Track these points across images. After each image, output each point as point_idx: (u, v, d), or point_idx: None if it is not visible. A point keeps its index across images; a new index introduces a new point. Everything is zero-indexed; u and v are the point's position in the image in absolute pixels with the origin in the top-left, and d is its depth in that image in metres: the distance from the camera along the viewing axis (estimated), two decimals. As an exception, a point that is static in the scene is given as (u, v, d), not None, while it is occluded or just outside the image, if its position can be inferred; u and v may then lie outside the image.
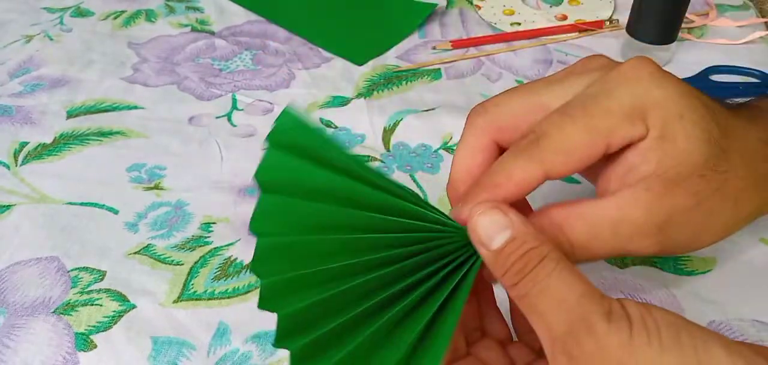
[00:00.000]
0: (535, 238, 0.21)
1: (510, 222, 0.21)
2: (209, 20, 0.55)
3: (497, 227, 0.21)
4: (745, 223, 0.26)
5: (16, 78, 0.48)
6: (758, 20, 0.52)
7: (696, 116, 0.23)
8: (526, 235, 0.21)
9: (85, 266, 0.34)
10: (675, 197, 0.23)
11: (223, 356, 0.30)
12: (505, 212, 0.21)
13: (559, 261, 0.20)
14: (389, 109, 0.44)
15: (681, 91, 0.24)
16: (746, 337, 0.29)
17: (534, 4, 0.56)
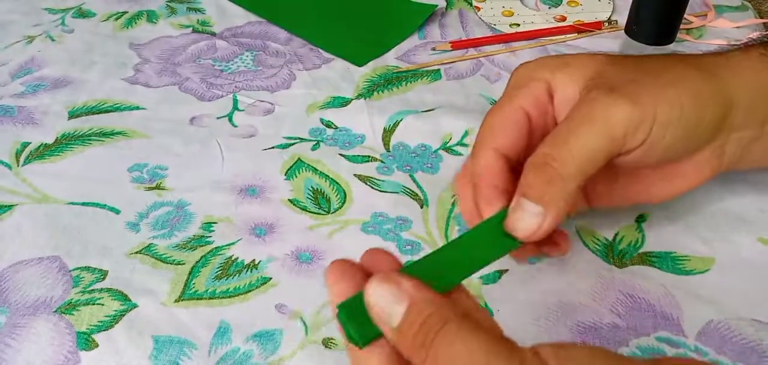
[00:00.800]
0: (432, 303, 0.20)
1: (403, 293, 0.20)
2: (210, 21, 0.55)
3: (392, 301, 0.20)
4: (713, 103, 0.27)
5: (17, 79, 0.48)
6: (756, 21, 0.52)
7: (579, 56, 0.29)
8: (422, 302, 0.20)
9: (86, 265, 0.34)
10: (603, 76, 0.26)
11: (224, 355, 0.30)
12: (397, 283, 0.20)
13: (461, 323, 0.19)
14: (389, 109, 0.44)
15: (557, 56, 0.30)
16: (745, 337, 0.30)
17: (533, 5, 0.57)
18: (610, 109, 0.25)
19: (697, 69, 0.28)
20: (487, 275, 0.33)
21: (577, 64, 0.28)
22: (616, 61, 0.29)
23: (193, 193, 0.38)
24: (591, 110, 0.25)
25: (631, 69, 0.28)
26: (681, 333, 0.30)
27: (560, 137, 0.25)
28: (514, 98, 0.29)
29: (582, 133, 0.25)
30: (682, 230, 0.35)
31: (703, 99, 0.27)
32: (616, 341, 0.30)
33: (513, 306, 0.31)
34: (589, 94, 0.26)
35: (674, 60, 0.29)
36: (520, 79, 0.30)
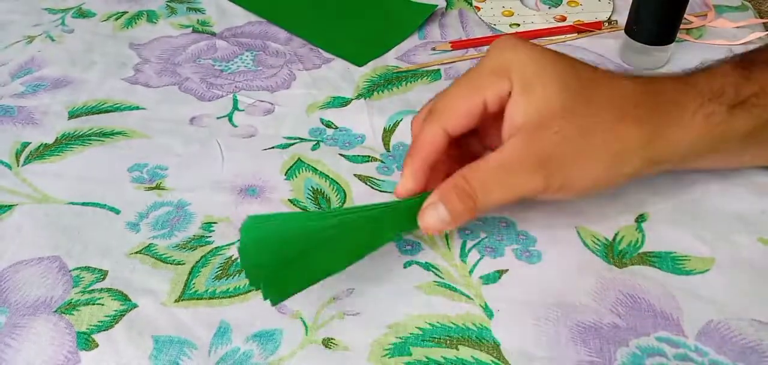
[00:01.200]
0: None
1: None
2: (210, 21, 0.55)
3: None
4: (639, 157, 0.30)
5: (17, 79, 0.48)
6: (756, 21, 0.52)
7: (551, 72, 0.29)
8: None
9: (86, 265, 0.34)
10: (543, 138, 0.29)
11: (224, 355, 0.30)
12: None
13: None
14: (389, 109, 0.45)
15: (539, 55, 0.29)
16: (745, 337, 0.30)
17: (533, 5, 0.57)
18: (528, 182, 0.29)
19: (640, 126, 0.30)
20: (487, 275, 0.33)
21: (540, 95, 0.29)
22: (571, 110, 0.29)
23: (193, 193, 0.38)
24: (514, 175, 0.29)
25: (576, 126, 0.29)
26: (681, 332, 0.30)
27: (487, 180, 0.29)
28: (482, 89, 0.30)
29: (502, 188, 0.30)
30: (682, 230, 0.35)
31: (625, 160, 0.30)
32: (616, 341, 0.30)
33: (513, 306, 0.31)
34: (524, 149, 0.29)
35: (629, 108, 0.30)
36: (496, 66, 0.30)
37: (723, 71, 0.32)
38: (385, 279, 0.33)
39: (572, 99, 0.29)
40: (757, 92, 0.31)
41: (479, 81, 0.30)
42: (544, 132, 0.28)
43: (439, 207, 0.30)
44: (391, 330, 0.31)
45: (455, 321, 0.31)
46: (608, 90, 0.30)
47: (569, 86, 0.29)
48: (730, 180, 0.37)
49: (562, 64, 0.30)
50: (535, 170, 0.29)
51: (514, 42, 0.30)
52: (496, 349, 0.30)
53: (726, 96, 0.31)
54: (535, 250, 0.34)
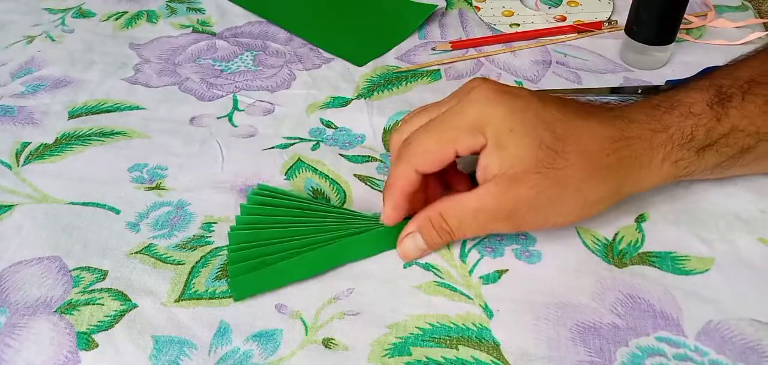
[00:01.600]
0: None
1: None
2: (210, 21, 0.55)
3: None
4: (602, 205, 0.32)
5: (18, 79, 0.48)
6: (757, 21, 0.52)
7: (525, 128, 0.30)
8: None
9: (86, 265, 0.34)
10: (518, 190, 0.30)
11: (224, 355, 0.30)
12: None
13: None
14: (389, 109, 0.45)
15: (512, 109, 0.30)
16: (745, 337, 0.30)
17: (533, 5, 0.57)
18: (501, 226, 0.32)
19: (610, 178, 0.31)
20: (487, 275, 0.33)
21: (514, 153, 0.30)
22: (544, 164, 0.30)
23: (193, 193, 0.38)
24: (488, 220, 0.31)
25: (549, 180, 0.30)
26: (681, 332, 0.30)
27: (463, 219, 0.31)
28: (456, 142, 0.30)
29: (475, 228, 0.32)
30: (682, 230, 0.35)
31: (593, 207, 0.32)
32: (616, 341, 0.30)
33: (513, 306, 0.31)
34: (499, 197, 0.30)
35: (601, 160, 0.31)
36: (472, 123, 0.30)
37: (698, 111, 0.32)
38: (385, 278, 0.33)
39: (545, 156, 0.29)
40: (727, 133, 0.32)
41: (454, 134, 0.30)
42: (519, 186, 0.30)
43: (416, 237, 0.33)
44: (391, 330, 0.31)
45: (455, 321, 0.31)
46: (581, 143, 0.30)
47: (543, 142, 0.30)
48: (730, 180, 0.37)
49: (536, 117, 0.30)
50: (507, 217, 0.31)
51: (491, 96, 0.30)
52: (496, 349, 0.30)
53: (696, 141, 0.32)
54: (534, 250, 0.34)
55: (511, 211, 0.31)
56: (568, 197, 0.31)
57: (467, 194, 0.31)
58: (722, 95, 0.32)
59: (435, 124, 0.31)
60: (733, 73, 0.34)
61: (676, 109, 0.32)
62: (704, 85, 0.33)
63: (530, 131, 0.30)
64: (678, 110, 0.32)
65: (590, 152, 0.30)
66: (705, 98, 0.32)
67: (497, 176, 0.30)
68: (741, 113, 0.32)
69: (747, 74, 0.33)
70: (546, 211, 0.31)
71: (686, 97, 0.33)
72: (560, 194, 0.30)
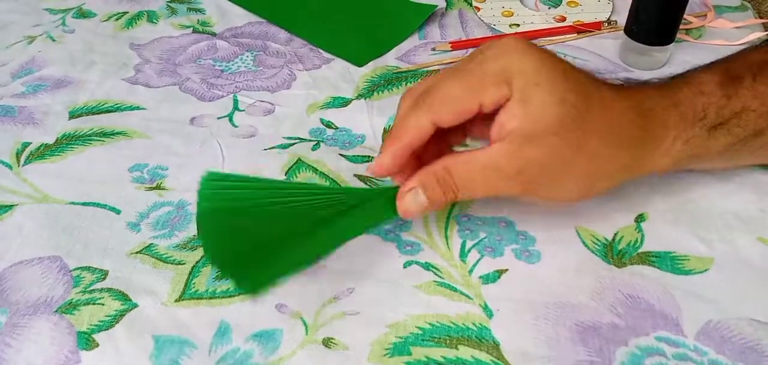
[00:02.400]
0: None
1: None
2: (210, 22, 0.55)
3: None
4: (611, 181, 0.32)
5: (18, 79, 0.48)
6: (756, 21, 0.52)
7: (552, 83, 0.28)
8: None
9: (87, 265, 0.34)
10: (531, 150, 0.28)
11: (224, 355, 0.30)
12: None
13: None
14: (389, 109, 0.45)
15: (541, 62, 0.28)
16: (744, 336, 0.30)
17: (533, 5, 0.57)
18: (509, 187, 0.30)
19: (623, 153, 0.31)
20: (486, 275, 0.33)
21: (537, 107, 0.28)
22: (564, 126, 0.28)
23: (193, 193, 0.38)
24: (498, 178, 0.29)
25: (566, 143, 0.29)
26: (680, 332, 0.30)
27: (471, 177, 0.30)
28: (481, 92, 0.29)
29: (483, 187, 0.30)
30: (682, 230, 0.35)
31: (602, 180, 0.31)
32: (616, 340, 0.30)
33: (513, 306, 0.31)
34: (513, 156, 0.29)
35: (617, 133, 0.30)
36: (499, 71, 0.29)
37: (709, 90, 0.32)
38: (385, 278, 0.33)
39: (567, 115, 0.28)
40: (738, 112, 0.32)
41: (480, 83, 0.29)
42: (536, 145, 0.29)
43: (418, 193, 0.30)
44: (391, 330, 0.31)
45: (455, 320, 0.31)
46: (601, 111, 0.29)
47: (566, 101, 0.28)
48: (729, 180, 0.37)
49: (563, 75, 0.29)
50: (517, 177, 0.29)
51: (520, 47, 0.29)
52: (496, 349, 0.30)
53: (707, 119, 0.32)
54: (534, 250, 0.34)
55: (522, 168, 0.29)
56: (581, 164, 0.30)
57: (477, 151, 0.30)
58: (732, 75, 0.32)
59: (461, 71, 0.29)
60: (742, 57, 0.33)
61: (687, 86, 0.32)
62: (714, 67, 0.33)
63: (557, 87, 0.28)
64: (689, 87, 0.32)
65: (612, 118, 0.30)
66: (714, 79, 0.32)
67: (513, 132, 0.28)
68: (752, 93, 0.32)
69: (758, 58, 0.33)
70: (557, 175, 0.30)
71: (696, 76, 0.32)
72: (574, 158, 0.29)
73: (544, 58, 0.29)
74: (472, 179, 0.30)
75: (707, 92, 0.32)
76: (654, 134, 0.31)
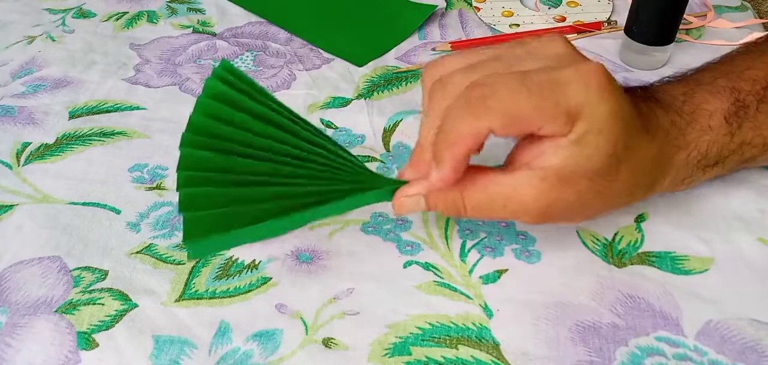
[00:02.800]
0: None
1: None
2: (210, 21, 0.55)
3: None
4: (611, 211, 0.31)
5: (18, 79, 0.48)
6: (756, 21, 0.52)
7: (614, 133, 0.26)
8: None
9: (87, 265, 0.34)
10: (561, 192, 0.27)
11: (225, 355, 0.30)
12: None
13: None
14: (389, 109, 0.45)
15: (616, 108, 0.26)
16: (744, 336, 0.30)
17: (533, 5, 0.57)
18: (521, 217, 0.28)
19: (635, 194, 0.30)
20: (486, 275, 0.33)
21: (588, 155, 0.26)
22: (599, 174, 0.27)
23: (193, 193, 0.38)
24: (513, 211, 0.28)
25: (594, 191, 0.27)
26: (680, 332, 0.30)
27: (483, 206, 0.28)
28: (548, 119, 0.26)
29: (493, 215, 0.28)
30: (682, 229, 0.35)
31: (607, 211, 0.31)
32: (616, 340, 0.30)
33: (513, 306, 0.31)
34: (538, 195, 0.27)
35: (637, 178, 0.29)
36: (573, 107, 0.26)
37: (716, 125, 0.31)
38: (385, 278, 0.33)
39: (610, 165, 0.27)
40: (735, 150, 0.32)
41: (553, 109, 0.25)
42: (568, 186, 0.27)
43: (421, 202, 0.29)
44: (391, 330, 0.31)
45: (455, 320, 0.31)
46: (635, 160, 0.28)
47: (615, 152, 0.27)
48: (729, 180, 0.37)
49: (625, 124, 0.27)
50: (539, 214, 0.27)
51: (602, 83, 0.26)
52: (496, 349, 0.30)
53: (707, 159, 0.32)
54: (534, 250, 0.34)
55: (546, 209, 0.27)
56: (597, 204, 0.29)
57: (500, 176, 0.27)
58: (740, 104, 0.31)
59: (530, 81, 0.25)
60: (750, 73, 0.32)
61: (696, 121, 0.31)
62: (723, 89, 0.32)
63: (616, 137, 0.26)
64: (699, 123, 0.31)
65: (639, 167, 0.29)
66: (723, 109, 0.31)
67: (551, 168, 0.26)
68: (753, 124, 0.32)
69: (762, 75, 0.32)
70: (573, 214, 0.29)
71: (705, 103, 0.31)
72: (594, 202, 0.28)
73: (619, 102, 0.26)
74: (488, 205, 0.28)
75: (714, 127, 0.31)
76: (662, 174, 0.31)
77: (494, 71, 0.27)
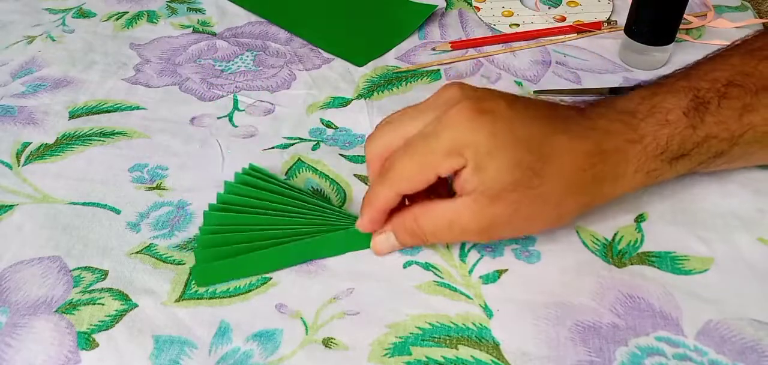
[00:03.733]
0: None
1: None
2: (210, 21, 0.55)
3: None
4: (574, 215, 0.33)
5: (18, 79, 0.48)
6: (756, 21, 0.52)
7: (504, 150, 0.30)
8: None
9: (87, 265, 0.34)
10: (495, 208, 0.30)
11: (224, 355, 0.30)
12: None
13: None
14: (389, 110, 0.44)
15: (492, 133, 0.29)
16: (744, 336, 0.30)
17: (533, 5, 0.57)
18: (474, 238, 0.33)
19: (585, 194, 0.32)
20: (486, 275, 0.33)
21: (493, 175, 0.29)
22: (522, 184, 0.30)
23: (193, 193, 0.39)
24: (462, 231, 0.31)
25: (526, 198, 0.30)
26: (680, 332, 0.30)
27: (437, 229, 0.32)
28: (437, 166, 0.30)
29: (449, 237, 0.33)
30: (682, 230, 0.35)
31: (566, 219, 0.33)
32: (616, 340, 0.30)
33: (513, 306, 0.31)
34: (476, 213, 0.30)
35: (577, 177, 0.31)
36: (451, 147, 0.30)
37: (674, 119, 0.32)
38: (385, 278, 0.33)
39: (523, 176, 0.30)
40: (701, 142, 0.32)
41: (434, 159, 0.30)
42: (497, 204, 0.30)
43: (390, 236, 0.33)
44: (391, 330, 0.31)
45: (455, 320, 0.31)
46: (559, 161, 0.30)
47: (521, 163, 0.29)
48: (729, 180, 0.37)
49: (515, 139, 0.30)
50: (482, 232, 0.31)
51: (471, 116, 0.30)
52: (496, 349, 0.30)
53: (669, 151, 0.32)
54: (534, 250, 0.34)
55: (487, 227, 0.31)
56: (543, 213, 0.31)
57: (444, 203, 0.31)
58: (699, 101, 0.32)
59: (414, 147, 0.31)
60: (711, 74, 0.33)
61: (652, 116, 0.32)
62: (682, 89, 0.33)
63: (510, 153, 0.29)
64: (654, 118, 0.32)
65: (567, 169, 0.31)
66: (681, 105, 0.32)
67: (475, 192, 0.30)
68: (716, 119, 0.32)
69: (725, 76, 0.33)
70: (521, 225, 0.32)
71: (663, 101, 0.32)
72: (537, 210, 0.31)
73: (495, 125, 0.30)
74: (439, 229, 0.31)
75: (672, 121, 0.32)
76: (615, 171, 0.32)
77: (390, 142, 0.32)
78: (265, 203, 0.35)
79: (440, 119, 0.31)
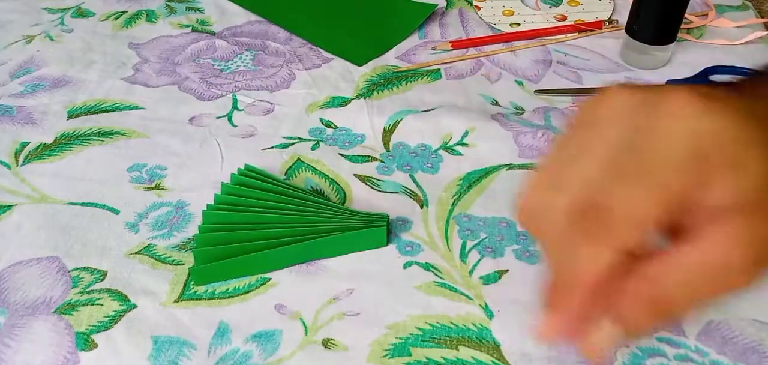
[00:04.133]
0: None
1: None
2: (210, 21, 0.55)
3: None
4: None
5: (17, 78, 0.48)
6: (757, 20, 0.52)
7: (758, 134, 0.20)
8: None
9: (85, 266, 0.34)
10: (765, 222, 0.20)
11: (224, 355, 0.30)
12: None
13: None
14: (389, 109, 0.44)
15: (735, 114, 0.20)
16: (746, 337, 0.29)
17: (533, 4, 0.56)
18: (739, 280, 0.22)
19: None
20: (487, 275, 0.33)
21: (754, 170, 0.20)
22: None
23: (192, 193, 0.38)
24: (725, 273, 0.21)
25: None
26: (681, 333, 0.30)
27: (688, 281, 0.21)
28: (684, 185, 0.20)
29: (707, 290, 0.22)
30: (683, 230, 0.35)
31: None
32: (617, 341, 0.30)
33: (513, 306, 0.31)
34: (742, 237, 0.21)
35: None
36: (692, 150, 0.20)
37: None
38: (385, 278, 0.33)
39: None
40: None
41: (671, 175, 0.20)
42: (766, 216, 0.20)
43: (607, 328, 0.23)
44: (391, 330, 0.31)
45: (455, 321, 0.31)
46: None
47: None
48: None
49: (759, 121, 0.21)
50: (754, 268, 0.21)
51: (695, 101, 0.20)
52: (497, 349, 0.30)
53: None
54: (535, 250, 0.34)
55: (758, 257, 0.21)
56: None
57: (688, 247, 0.21)
58: None
59: (630, 167, 0.21)
60: None
61: None
62: None
63: (762, 137, 0.20)
64: None
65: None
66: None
67: (732, 209, 0.20)
68: None
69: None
70: None
71: None
72: None
73: (734, 107, 0.21)
74: (689, 283, 0.21)
75: None
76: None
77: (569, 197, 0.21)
78: (263, 202, 0.35)
79: (655, 123, 0.21)
